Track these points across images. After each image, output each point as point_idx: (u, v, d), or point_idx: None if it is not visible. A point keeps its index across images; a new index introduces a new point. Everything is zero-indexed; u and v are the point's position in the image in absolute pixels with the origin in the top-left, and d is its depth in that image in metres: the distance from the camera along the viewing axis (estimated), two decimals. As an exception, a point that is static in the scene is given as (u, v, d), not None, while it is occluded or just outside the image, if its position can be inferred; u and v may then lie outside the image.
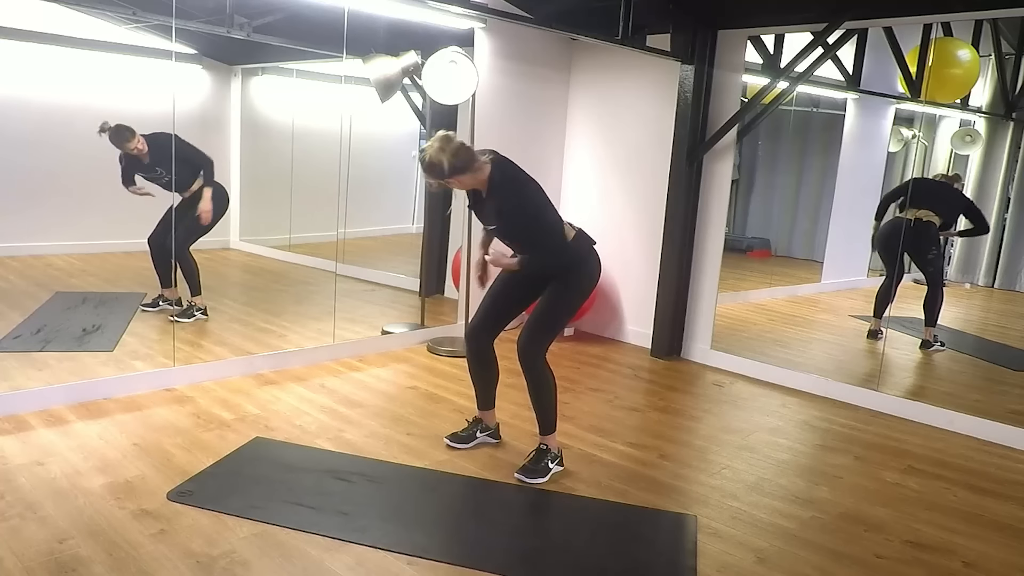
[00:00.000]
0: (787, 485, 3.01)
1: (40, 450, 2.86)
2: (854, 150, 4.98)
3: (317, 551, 2.32)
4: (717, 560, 2.41)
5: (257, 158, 5.20)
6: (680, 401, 4.04)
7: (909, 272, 4.71)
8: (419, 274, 5.32)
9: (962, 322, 4.83)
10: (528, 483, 2.87)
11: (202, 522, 2.43)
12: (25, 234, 4.30)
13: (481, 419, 3.21)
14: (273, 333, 4.54)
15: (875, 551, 2.53)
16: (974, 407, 3.87)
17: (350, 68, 4.42)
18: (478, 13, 4.20)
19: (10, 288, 4.34)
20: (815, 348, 4.98)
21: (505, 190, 2.76)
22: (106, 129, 4.08)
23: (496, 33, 4.67)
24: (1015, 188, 4.59)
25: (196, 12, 4.01)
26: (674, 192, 4.64)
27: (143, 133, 4.18)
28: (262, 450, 3.03)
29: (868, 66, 4.61)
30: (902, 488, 3.05)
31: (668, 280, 4.73)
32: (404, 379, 4.06)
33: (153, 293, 4.55)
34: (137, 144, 4.16)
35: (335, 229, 4.66)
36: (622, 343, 5.11)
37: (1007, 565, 2.51)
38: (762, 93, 4.33)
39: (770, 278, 5.63)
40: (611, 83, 5.06)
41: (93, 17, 4.22)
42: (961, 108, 4.69)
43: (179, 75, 4.52)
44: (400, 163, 6.13)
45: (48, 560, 2.17)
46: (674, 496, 2.87)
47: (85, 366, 3.69)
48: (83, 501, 2.51)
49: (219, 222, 4.58)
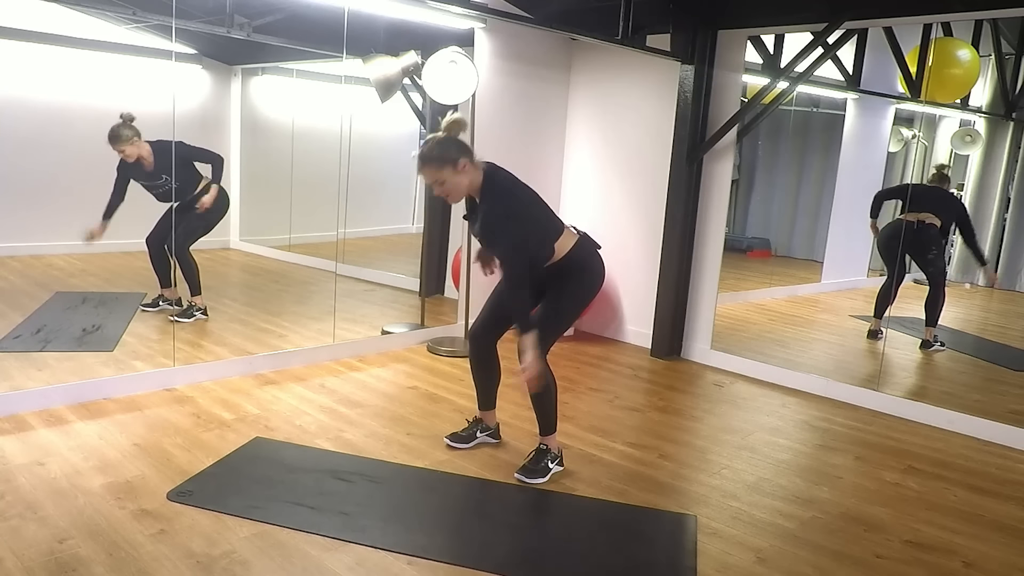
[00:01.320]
0: (787, 485, 3.01)
1: (40, 450, 2.86)
2: (854, 150, 4.98)
3: (317, 551, 2.32)
4: (717, 560, 2.41)
5: (257, 158, 5.20)
6: (680, 401, 4.04)
7: (910, 272, 4.71)
8: (419, 274, 5.32)
9: (962, 322, 4.83)
10: (528, 483, 2.87)
11: (202, 522, 2.43)
12: (25, 234, 4.30)
13: (481, 419, 3.21)
14: (273, 333, 4.54)
15: (875, 551, 2.53)
16: (974, 407, 3.87)
17: (350, 68, 4.42)
18: (478, 13, 4.20)
19: (10, 288, 4.34)
20: (815, 348, 4.98)
21: (491, 197, 2.73)
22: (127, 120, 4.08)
23: (496, 33, 4.67)
24: (1015, 188, 4.59)
25: (196, 12, 4.01)
26: (674, 192, 4.64)
27: (148, 140, 4.18)
28: (262, 450, 3.03)
29: (868, 66, 4.61)
30: (902, 488, 3.05)
31: (668, 280, 4.73)
32: (404, 379, 4.06)
33: (153, 293, 4.55)
34: (138, 151, 4.14)
35: (335, 229, 4.66)
36: (622, 343, 5.11)
37: (1007, 565, 2.51)
38: (762, 93, 4.33)
39: (770, 278, 5.63)
40: (611, 83, 5.06)
41: (93, 17, 4.22)
42: (961, 108, 4.69)
43: (179, 75, 4.52)
44: (400, 163, 6.13)
45: (48, 560, 2.17)
46: (674, 496, 2.87)
47: (85, 366, 3.69)
48: (83, 501, 2.51)
49: (219, 222, 4.58)
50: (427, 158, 2.69)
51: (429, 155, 2.68)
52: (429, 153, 2.68)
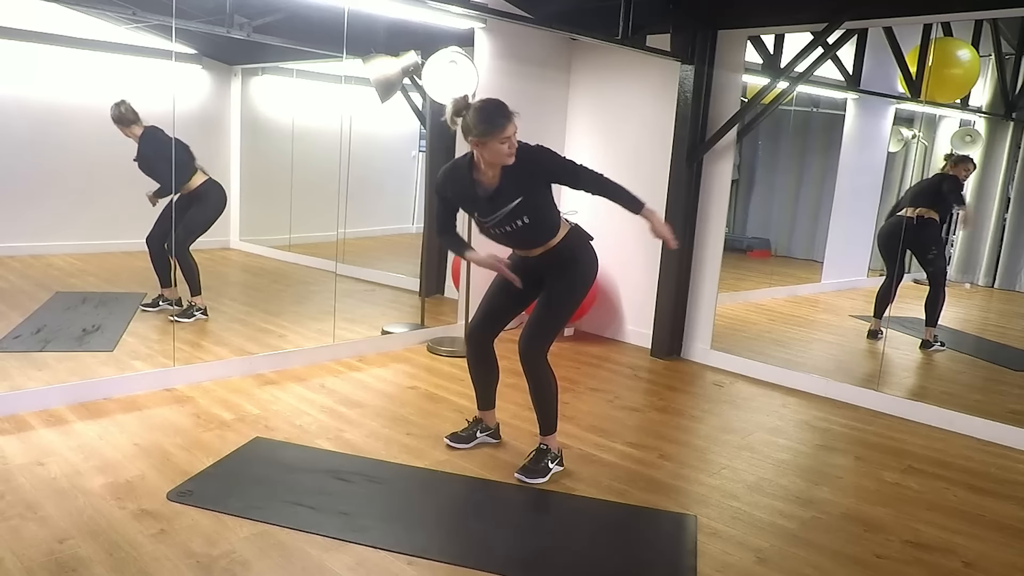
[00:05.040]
0: (787, 485, 3.01)
1: (40, 450, 2.86)
2: (854, 150, 4.98)
3: (317, 551, 2.32)
4: (717, 560, 2.41)
5: (257, 158, 5.20)
6: (680, 401, 4.04)
7: (910, 272, 4.71)
8: (419, 274, 5.32)
9: (962, 322, 4.83)
10: (528, 483, 2.87)
11: (202, 522, 2.43)
12: (25, 234, 4.30)
13: (481, 419, 3.21)
14: (273, 333, 4.54)
15: (875, 551, 2.53)
16: (974, 407, 3.87)
17: (350, 68, 4.42)
18: (478, 13, 4.20)
19: (10, 288, 4.34)
20: (815, 348, 4.98)
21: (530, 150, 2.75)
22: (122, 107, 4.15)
23: (496, 33, 4.67)
24: (1015, 188, 4.59)
25: (196, 12, 4.01)
26: (674, 192, 4.64)
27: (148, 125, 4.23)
28: (262, 450, 3.03)
29: (868, 66, 4.61)
30: (902, 488, 3.05)
31: (668, 280, 4.73)
32: (404, 379, 4.06)
33: (153, 293, 4.55)
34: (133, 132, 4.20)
35: (335, 229, 4.66)
36: (622, 343, 5.11)
37: (1007, 565, 2.51)
38: (762, 93, 4.32)
39: (770, 278, 5.63)
40: (611, 83, 5.06)
41: (93, 17, 4.22)
42: (961, 108, 4.69)
43: (179, 75, 4.51)
44: (400, 163, 6.13)
45: (48, 560, 2.17)
46: (674, 496, 2.87)
47: (85, 366, 3.69)
48: (83, 501, 2.51)
49: (217, 220, 4.58)
50: (509, 112, 2.64)
51: (508, 110, 2.64)
52: (506, 108, 2.65)
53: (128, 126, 4.20)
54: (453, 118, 2.73)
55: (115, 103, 4.16)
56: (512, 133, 2.66)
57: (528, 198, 2.76)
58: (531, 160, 2.74)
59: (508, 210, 2.76)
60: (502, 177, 2.74)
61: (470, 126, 2.66)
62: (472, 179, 2.78)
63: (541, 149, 2.78)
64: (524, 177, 2.74)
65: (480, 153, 2.70)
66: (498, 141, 2.63)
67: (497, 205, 2.77)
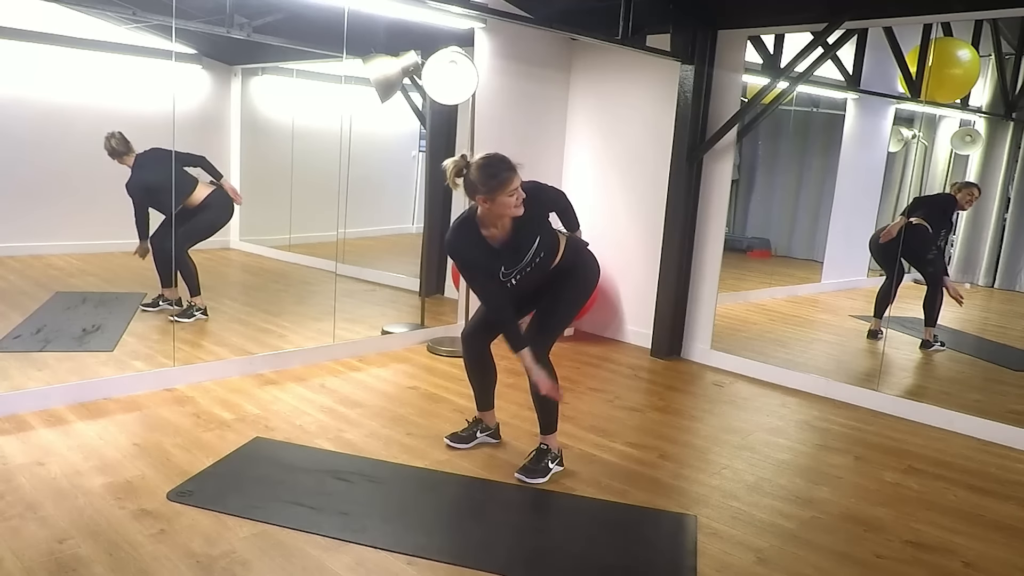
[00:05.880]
0: (787, 485, 3.01)
1: (40, 450, 2.86)
2: (854, 150, 4.98)
3: (317, 551, 2.32)
4: (717, 560, 2.41)
5: (257, 158, 5.19)
6: (680, 401, 4.04)
7: (909, 272, 4.71)
8: (419, 274, 5.32)
9: (962, 322, 4.82)
10: (528, 483, 2.87)
11: (202, 522, 2.43)
12: (25, 234, 4.30)
13: (481, 419, 3.21)
14: (273, 333, 4.54)
15: (875, 551, 2.53)
16: (974, 407, 3.87)
17: (350, 68, 4.42)
18: (478, 13, 4.20)
19: (10, 288, 4.34)
20: (815, 348, 4.98)
21: (539, 191, 2.78)
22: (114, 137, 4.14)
23: (496, 33, 4.67)
24: (1015, 188, 4.59)
25: (196, 12, 4.01)
26: (674, 192, 4.64)
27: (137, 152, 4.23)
28: (262, 450, 3.03)
29: (868, 66, 4.61)
30: (902, 488, 3.05)
31: (668, 280, 4.73)
32: (404, 379, 4.06)
33: (153, 293, 4.55)
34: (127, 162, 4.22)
35: (335, 229, 4.66)
36: (622, 343, 5.11)
37: (1007, 565, 2.51)
38: (762, 93, 4.32)
39: (770, 278, 5.63)
40: (611, 83, 5.06)
41: (93, 17, 4.21)
42: (961, 108, 4.69)
43: (179, 75, 4.51)
44: (400, 163, 6.13)
45: (48, 560, 2.17)
46: (674, 496, 2.87)
47: (85, 366, 3.69)
48: (83, 501, 2.51)
49: (223, 227, 4.60)
50: (512, 164, 2.61)
51: (511, 162, 2.61)
52: (509, 160, 2.62)
53: (120, 158, 4.19)
54: (454, 179, 2.66)
55: (106, 136, 4.15)
56: (519, 185, 2.62)
57: (543, 235, 2.77)
58: (532, 198, 2.71)
59: (532, 252, 2.75)
60: (513, 224, 2.71)
61: (476, 184, 2.59)
62: (482, 237, 2.73)
63: (534, 185, 2.76)
64: (533, 215, 2.73)
65: (488, 209, 2.64)
66: (506, 194, 2.58)
67: (521, 253, 2.74)
